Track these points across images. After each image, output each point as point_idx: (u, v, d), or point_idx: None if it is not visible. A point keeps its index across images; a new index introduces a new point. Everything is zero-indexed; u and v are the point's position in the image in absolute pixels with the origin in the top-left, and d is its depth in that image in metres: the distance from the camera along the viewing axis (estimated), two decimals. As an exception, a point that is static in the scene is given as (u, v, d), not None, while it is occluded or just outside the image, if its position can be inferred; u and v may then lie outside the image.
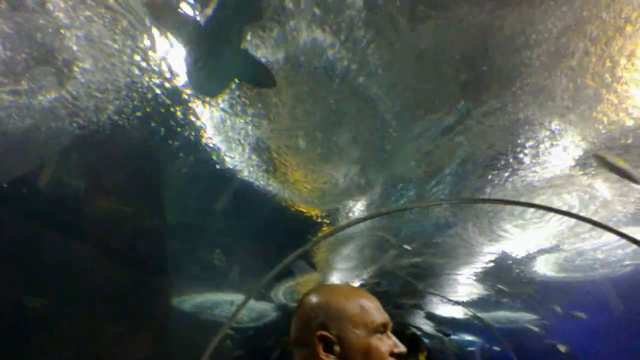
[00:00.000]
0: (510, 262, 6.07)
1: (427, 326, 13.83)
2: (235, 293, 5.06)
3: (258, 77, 2.93)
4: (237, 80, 3.00)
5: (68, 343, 3.29)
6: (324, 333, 1.16)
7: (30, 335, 3.14)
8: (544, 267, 6.04)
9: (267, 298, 6.14)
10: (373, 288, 8.89)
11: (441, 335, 12.81)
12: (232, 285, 5.02)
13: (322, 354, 1.14)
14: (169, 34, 2.71)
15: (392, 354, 1.21)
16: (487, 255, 6.01)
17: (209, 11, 2.67)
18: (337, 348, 1.15)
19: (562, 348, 6.91)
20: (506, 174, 3.92)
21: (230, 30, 2.72)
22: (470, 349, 10.84)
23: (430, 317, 12.36)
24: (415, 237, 5.52)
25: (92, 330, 3.58)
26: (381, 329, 1.23)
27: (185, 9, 2.60)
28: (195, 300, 5.09)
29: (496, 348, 9.36)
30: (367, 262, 6.21)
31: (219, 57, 2.88)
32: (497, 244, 5.60)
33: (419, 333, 16.62)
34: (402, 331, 18.89)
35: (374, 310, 1.23)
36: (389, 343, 1.23)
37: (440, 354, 14.23)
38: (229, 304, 5.00)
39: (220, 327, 3.15)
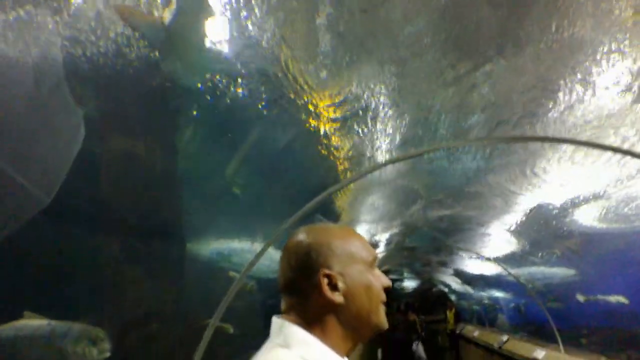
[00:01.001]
0: (548, 212, 5.68)
1: (456, 283, 13.68)
2: (255, 241, 4.93)
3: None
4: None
5: (84, 287, 3.23)
6: (328, 271, 1.13)
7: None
8: (585, 218, 5.65)
9: None
10: (400, 244, 8.70)
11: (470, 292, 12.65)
12: (250, 233, 4.87)
13: (329, 293, 1.12)
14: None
15: (383, 288, 1.21)
16: (522, 205, 5.64)
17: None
18: (341, 286, 1.13)
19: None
20: (553, 109, 3.51)
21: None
22: (504, 305, 10.60)
23: (459, 274, 12.16)
24: (446, 187, 5.19)
25: (109, 275, 3.51)
26: (374, 264, 1.23)
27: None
28: (211, 247, 4.98)
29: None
30: (393, 214, 5.92)
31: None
32: (534, 193, 5.21)
33: (445, 290, 16.59)
34: (430, 289, 19.01)
35: (368, 246, 1.23)
36: (380, 277, 1.22)
37: (470, 311, 14.14)
38: (248, 252, 4.87)
39: (235, 282, 2.96)
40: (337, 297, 1.12)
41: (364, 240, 1.22)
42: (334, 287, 1.12)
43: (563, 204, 5.39)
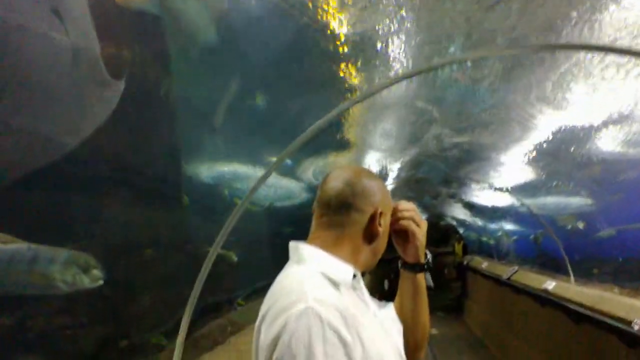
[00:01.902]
0: (568, 138, 5.32)
1: (465, 216, 13.59)
2: (259, 166, 4.68)
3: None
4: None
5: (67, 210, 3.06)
6: (382, 210, 1.31)
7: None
8: (608, 143, 5.28)
9: (296, 176, 5.74)
10: (410, 176, 8.45)
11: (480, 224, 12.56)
12: (254, 157, 4.63)
13: (377, 225, 1.30)
14: None
15: None
16: (541, 131, 5.27)
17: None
18: (383, 224, 1.32)
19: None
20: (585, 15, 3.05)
21: None
22: (514, 237, 10.49)
23: (469, 206, 12.00)
24: (462, 110, 4.82)
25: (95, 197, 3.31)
26: None
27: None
28: (212, 170, 4.74)
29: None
30: (406, 141, 5.60)
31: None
32: (554, 116, 4.84)
33: (454, 223, 16.63)
34: (438, 222, 19.21)
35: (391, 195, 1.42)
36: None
37: (479, 243, 14.17)
38: (253, 179, 4.65)
39: (240, 203, 2.72)
40: (379, 230, 1.31)
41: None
42: (379, 223, 1.30)
43: (585, 127, 5.03)
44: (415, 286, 1.50)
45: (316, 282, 1.13)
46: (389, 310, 1.44)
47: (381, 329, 1.27)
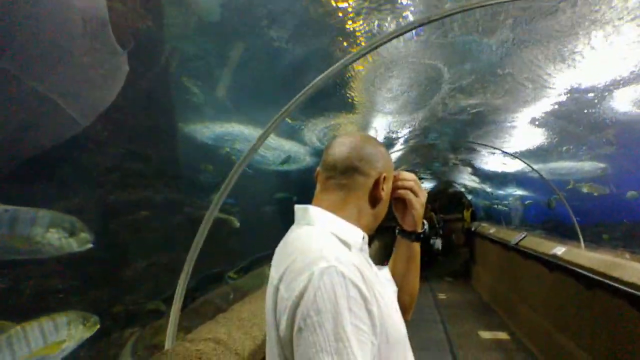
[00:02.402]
0: (581, 98, 5.10)
1: (474, 182, 13.44)
2: (258, 127, 4.50)
3: None
4: None
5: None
6: (386, 175, 1.35)
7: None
8: (621, 104, 5.05)
9: (300, 139, 5.55)
10: (419, 141, 8.26)
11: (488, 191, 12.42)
12: (253, 117, 4.45)
13: (380, 189, 1.34)
14: None
15: None
16: (554, 90, 5.05)
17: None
18: (385, 189, 1.35)
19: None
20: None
21: None
22: (524, 203, 10.34)
23: (478, 172, 11.84)
24: (473, 68, 4.60)
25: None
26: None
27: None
28: (209, 129, 4.56)
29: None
30: (413, 103, 5.39)
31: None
32: (569, 74, 4.62)
33: (462, 190, 16.54)
34: (446, 189, 19.27)
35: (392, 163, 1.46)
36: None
37: (487, 209, 14.08)
38: (253, 140, 4.47)
39: (238, 163, 2.60)
40: (382, 195, 1.35)
41: None
42: (382, 188, 1.34)
43: (600, 87, 4.80)
44: (410, 252, 1.55)
45: (332, 241, 1.17)
46: (385, 272, 1.53)
47: (390, 288, 1.40)
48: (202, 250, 2.50)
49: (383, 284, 1.32)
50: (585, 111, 5.43)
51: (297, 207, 1.33)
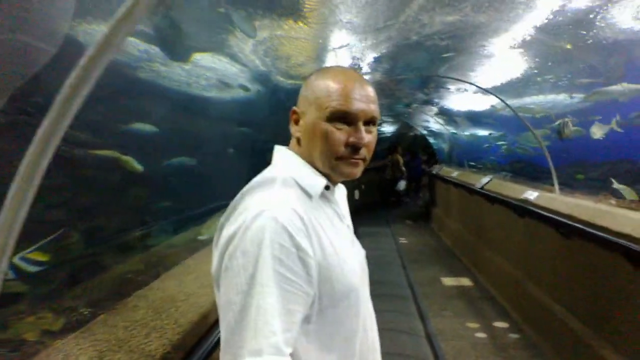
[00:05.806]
0: (571, 14, 4.28)
1: (438, 124, 12.83)
2: None
3: None
4: None
5: None
6: (295, 108, 1.29)
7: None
8: (619, 19, 4.28)
9: (233, 55, 4.29)
10: (389, 69, 7.29)
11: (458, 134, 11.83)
12: None
13: (292, 125, 1.30)
14: None
15: (347, 144, 1.20)
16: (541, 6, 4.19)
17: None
18: (301, 123, 1.26)
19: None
20: None
21: None
22: (489, 144, 9.75)
23: (444, 112, 11.15)
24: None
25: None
26: (340, 117, 1.19)
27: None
28: None
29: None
30: (382, 16, 4.35)
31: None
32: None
33: (425, 133, 16.07)
34: (405, 134, 19.06)
35: (337, 96, 1.19)
36: (349, 132, 1.20)
37: (450, 152, 13.65)
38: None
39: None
40: (296, 132, 1.28)
41: (343, 89, 1.19)
42: (296, 122, 1.28)
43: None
44: None
45: (285, 186, 1.15)
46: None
47: (349, 239, 1.30)
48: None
49: (341, 237, 1.23)
50: (575, 29, 4.62)
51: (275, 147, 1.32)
